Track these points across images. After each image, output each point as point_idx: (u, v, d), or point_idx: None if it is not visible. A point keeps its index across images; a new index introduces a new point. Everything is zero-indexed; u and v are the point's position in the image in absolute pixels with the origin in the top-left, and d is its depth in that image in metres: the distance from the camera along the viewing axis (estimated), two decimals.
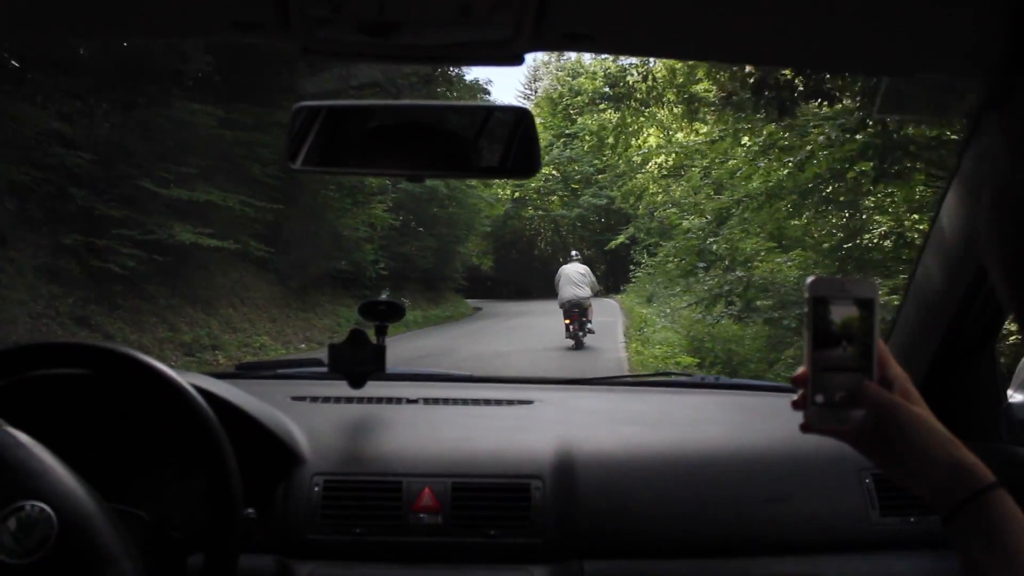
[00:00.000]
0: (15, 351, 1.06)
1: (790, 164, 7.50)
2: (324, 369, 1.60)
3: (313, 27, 0.77)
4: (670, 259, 17.46)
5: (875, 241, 7.68)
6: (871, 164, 6.47)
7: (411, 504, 1.25)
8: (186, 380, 1.07)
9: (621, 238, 27.23)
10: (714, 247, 16.25)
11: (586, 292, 11.92)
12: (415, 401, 1.61)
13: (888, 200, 7.64)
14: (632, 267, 25.75)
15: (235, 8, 0.77)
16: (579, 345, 11.68)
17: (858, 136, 6.51)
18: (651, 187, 20.57)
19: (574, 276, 12.08)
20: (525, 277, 34.02)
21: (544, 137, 31.92)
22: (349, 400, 1.58)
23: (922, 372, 1.37)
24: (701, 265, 16.18)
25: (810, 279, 0.72)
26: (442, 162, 1.24)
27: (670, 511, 1.29)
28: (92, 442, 1.14)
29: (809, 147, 7.04)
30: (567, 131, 31.71)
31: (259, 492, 1.19)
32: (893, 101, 1.24)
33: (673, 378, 2.10)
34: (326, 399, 1.59)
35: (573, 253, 13.93)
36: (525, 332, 15.05)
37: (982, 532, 0.68)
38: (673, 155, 19.94)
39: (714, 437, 1.46)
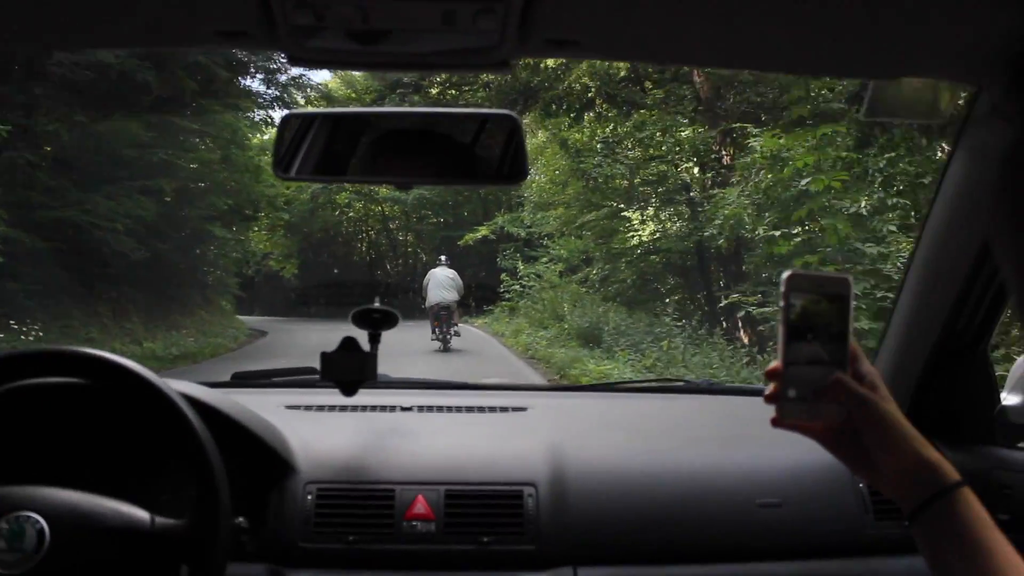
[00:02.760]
0: (6, 360, 1.10)
1: None
2: (319, 377, 1.55)
3: (299, 35, 0.79)
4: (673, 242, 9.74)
5: None
6: None
7: (404, 512, 1.28)
8: (176, 389, 1.11)
9: (484, 230, 18.91)
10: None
11: (454, 296, 12.50)
12: (409, 409, 1.65)
13: None
14: (505, 278, 17.24)
15: (219, 17, 0.80)
16: (446, 347, 11.99)
17: None
18: None
19: (443, 280, 12.57)
20: (339, 290, 25.65)
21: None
22: (343, 408, 1.61)
23: (916, 374, 1.41)
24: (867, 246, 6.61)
25: (786, 273, 0.72)
26: (437, 169, 1.27)
27: (664, 517, 1.32)
28: (85, 450, 1.18)
29: None
30: None
31: (252, 501, 1.25)
32: (880, 104, 1.19)
33: (666, 384, 2.20)
34: (320, 408, 1.63)
35: (442, 258, 14.06)
36: None
37: (946, 531, 0.68)
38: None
39: (707, 442, 1.50)
